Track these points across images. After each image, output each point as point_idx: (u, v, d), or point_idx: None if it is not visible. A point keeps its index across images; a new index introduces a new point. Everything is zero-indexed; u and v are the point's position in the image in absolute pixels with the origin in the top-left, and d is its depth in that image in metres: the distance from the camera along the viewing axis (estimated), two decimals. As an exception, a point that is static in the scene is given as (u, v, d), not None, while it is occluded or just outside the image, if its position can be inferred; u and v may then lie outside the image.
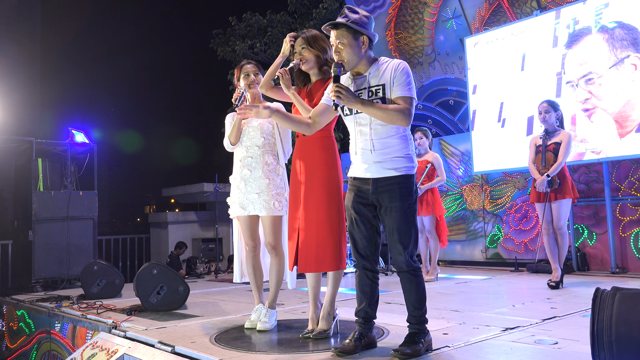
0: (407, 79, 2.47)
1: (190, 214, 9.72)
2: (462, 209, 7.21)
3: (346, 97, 2.38)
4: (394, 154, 2.48)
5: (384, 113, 2.41)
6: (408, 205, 2.46)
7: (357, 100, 2.40)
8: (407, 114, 2.41)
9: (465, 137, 7.08)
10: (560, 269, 4.60)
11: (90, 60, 52.35)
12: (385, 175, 2.49)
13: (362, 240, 2.57)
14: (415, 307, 2.49)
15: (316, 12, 11.47)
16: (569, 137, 4.62)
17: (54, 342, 4.41)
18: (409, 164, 2.50)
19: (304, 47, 2.97)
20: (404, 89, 2.45)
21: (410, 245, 2.47)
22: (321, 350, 2.62)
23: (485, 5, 7.21)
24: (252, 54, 11.95)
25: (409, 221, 2.46)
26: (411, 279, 2.49)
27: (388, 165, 2.48)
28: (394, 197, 2.46)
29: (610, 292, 1.98)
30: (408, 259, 2.46)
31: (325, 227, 2.82)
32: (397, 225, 2.45)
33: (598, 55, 5.46)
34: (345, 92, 2.38)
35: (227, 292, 5.30)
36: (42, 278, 6.30)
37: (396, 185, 2.47)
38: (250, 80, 3.32)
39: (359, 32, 2.50)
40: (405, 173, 2.48)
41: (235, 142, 3.33)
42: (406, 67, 2.49)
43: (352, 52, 2.49)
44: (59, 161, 6.97)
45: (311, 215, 2.85)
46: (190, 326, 3.42)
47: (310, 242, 2.83)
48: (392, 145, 2.49)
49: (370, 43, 2.54)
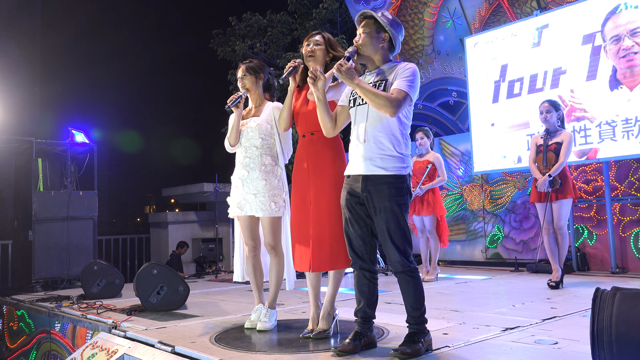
0: (410, 77, 2.48)
1: (190, 214, 9.72)
2: (462, 209, 7.21)
3: (345, 73, 2.45)
4: (385, 152, 2.48)
5: (373, 95, 2.44)
6: (398, 206, 2.45)
7: (354, 78, 2.45)
8: (394, 103, 2.41)
9: (465, 137, 7.08)
10: (561, 269, 4.60)
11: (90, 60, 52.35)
12: (375, 174, 2.49)
13: (357, 240, 2.58)
14: (413, 308, 2.49)
15: (316, 12, 11.47)
16: (570, 136, 4.62)
17: (54, 342, 4.40)
18: (400, 164, 2.49)
19: (320, 43, 2.97)
20: (402, 83, 2.47)
21: (403, 245, 2.46)
22: (321, 350, 2.62)
23: (485, 5, 7.21)
24: (252, 54, 11.94)
25: (399, 222, 2.45)
26: (408, 279, 2.49)
27: (378, 163, 2.49)
28: (383, 197, 2.46)
29: (610, 292, 1.97)
30: (402, 259, 2.46)
31: (338, 225, 2.81)
32: (387, 226, 2.45)
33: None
34: (345, 69, 2.45)
35: (227, 292, 5.30)
36: (42, 278, 6.30)
37: (385, 185, 2.47)
38: (240, 84, 3.36)
39: (382, 27, 2.57)
40: (395, 173, 2.47)
41: (234, 143, 3.33)
42: (413, 68, 2.53)
43: (369, 42, 2.58)
44: (59, 161, 6.96)
45: (323, 215, 2.84)
46: (190, 326, 3.42)
47: (324, 241, 2.83)
48: (384, 143, 2.49)
49: (390, 43, 2.60)
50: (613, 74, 5.36)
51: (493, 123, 6.44)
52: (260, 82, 3.40)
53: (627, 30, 5.27)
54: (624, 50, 5.28)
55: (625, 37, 5.29)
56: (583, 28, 5.64)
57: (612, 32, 5.40)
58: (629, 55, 5.26)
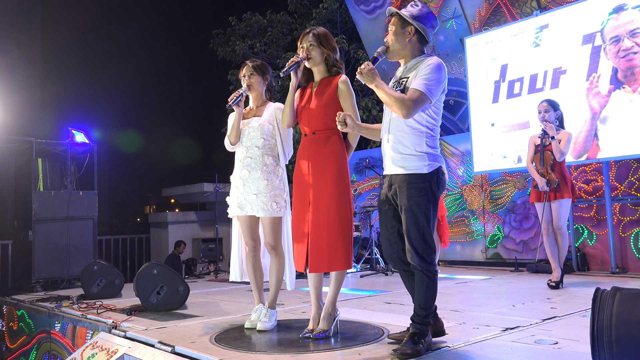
0: (429, 75, 2.43)
1: (190, 214, 9.72)
2: (462, 209, 7.21)
3: (365, 75, 2.45)
4: (407, 150, 2.48)
5: (387, 97, 2.44)
6: (417, 206, 2.43)
7: (373, 79, 2.44)
8: (407, 104, 2.39)
9: (465, 137, 7.08)
10: (560, 269, 4.60)
11: (90, 60, 52.37)
12: (396, 173, 2.51)
13: (384, 241, 2.63)
14: (421, 307, 2.48)
15: (316, 12, 11.48)
16: (568, 135, 4.63)
17: (54, 342, 4.40)
18: (420, 162, 2.46)
19: (314, 44, 2.95)
20: (419, 82, 2.43)
21: (421, 246, 2.43)
22: (321, 350, 2.62)
23: (485, 5, 7.21)
24: (252, 54, 11.95)
25: (417, 222, 2.43)
26: (423, 277, 2.47)
27: (399, 162, 2.49)
28: (403, 197, 2.46)
29: (610, 292, 1.97)
30: (419, 260, 2.44)
31: (336, 226, 2.81)
32: (406, 226, 2.46)
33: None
34: (366, 70, 2.44)
35: (227, 292, 5.30)
36: (42, 278, 6.30)
37: (404, 184, 2.47)
38: (246, 82, 3.34)
39: (407, 21, 2.55)
40: (415, 172, 2.46)
41: (235, 142, 3.33)
42: (435, 64, 2.47)
43: (395, 39, 2.57)
44: (59, 161, 6.96)
45: (322, 216, 2.83)
46: (190, 326, 3.42)
47: (321, 242, 2.82)
48: (405, 140, 2.49)
49: (419, 36, 2.56)
50: (614, 73, 5.36)
51: (493, 123, 6.44)
52: (266, 83, 3.40)
53: (627, 30, 5.27)
54: (623, 51, 5.28)
55: (625, 37, 5.29)
56: (583, 28, 5.64)
57: (612, 32, 5.40)
58: (629, 55, 5.26)
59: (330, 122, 2.89)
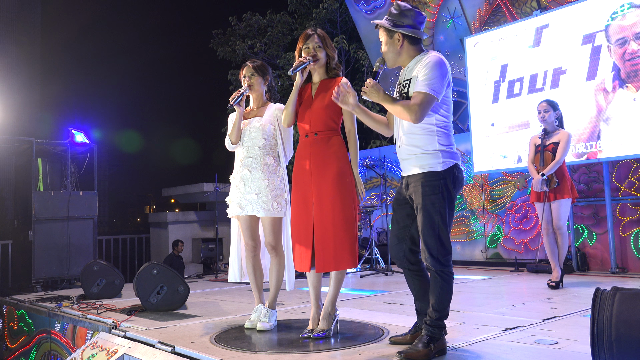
0: (429, 74, 2.40)
1: (190, 214, 9.72)
2: (462, 209, 7.22)
3: (369, 92, 2.45)
4: (419, 150, 2.47)
5: (393, 108, 2.44)
6: (431, 205, 2.42)
7: (378, 95, 2.44)
8: (414, 109, 2.36)
9: (465, 137, 7.08)
10: (560, 269, 4.60)
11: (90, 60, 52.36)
12: (411, 173, 2.51)
13: (392, 238, 2.64)
14: (433, 309, 2.44)
15: (316, 12, 11.48)
16: (567, 136, 4.62)
17: (54, 342, 4.41)
18: (434, 160, 2.44)
19: (320, 45, 2.96)
20: (421, 84, 2.41)
21: (434, 245, 2.41)
22: (321, 350, 2.62)
23: (485, 5, 7.21)
24: (252, 54, 11.95)
25: (432, 221, 2.41)
26: (436, 278, 2.45)
27: (413, 162, 2.49)
28: (418, 195, 2.45)
29: (610, 292, 1.97)
30: (432, 260, 2.42)
31: (341, 224, 2.81)
32: (422, 226, 2.44)
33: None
34: (370, 88, 2.44)
35: (227, 292, 5.30)
36: (42, 278, 6.30)
37: (419, 183, 2.46)
38: (247, 83, 3.34)
39: (392, 30, 2.54)
40: (429, 170, 2.44)
41: (235, 142, 3.33)
42: (433, 61, 2.43)
43: (387, 50, 2.57)
44: (59, 161, 6.97)
45: (327, 214, 2.83)
46: (190, 326, 3.42)
47: (327, 241, 2.82)
48: (416, 141, 2.48)
49: (409, 39, 2.53)
50: (616, 72, 5.35)
51: (493, 123, 6.44)
52: (266, 83, 3.41)
53: (633, 33, 5.24)
54: (630, 54, 5.26)
55: (631, 40, 5.26)
56: (583, 28, 5.63)
57: (618, 34, 5.36)
58: (635, 59, 5.24)
59: (332, 123, 2.92)
